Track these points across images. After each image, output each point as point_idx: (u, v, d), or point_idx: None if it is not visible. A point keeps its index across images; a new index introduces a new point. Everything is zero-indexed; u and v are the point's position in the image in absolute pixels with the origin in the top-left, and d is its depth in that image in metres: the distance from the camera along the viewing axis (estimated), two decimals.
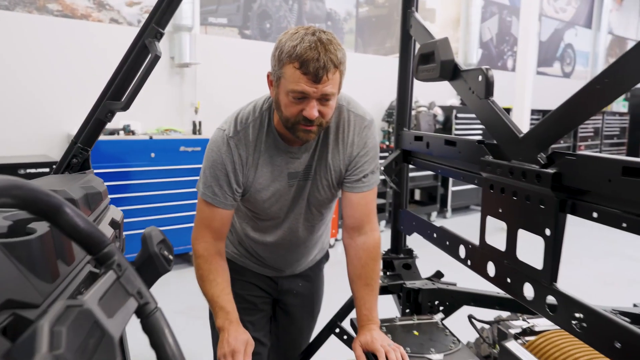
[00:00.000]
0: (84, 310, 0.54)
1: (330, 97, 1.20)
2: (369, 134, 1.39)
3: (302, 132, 1.23)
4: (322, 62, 1.13)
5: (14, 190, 0.51)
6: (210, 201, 1.35)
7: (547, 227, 0.92)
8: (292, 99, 1.19)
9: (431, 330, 1.46)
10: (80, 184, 1.22)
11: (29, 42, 3.90)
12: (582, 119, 0.84)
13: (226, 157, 1.32)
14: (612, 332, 0.77)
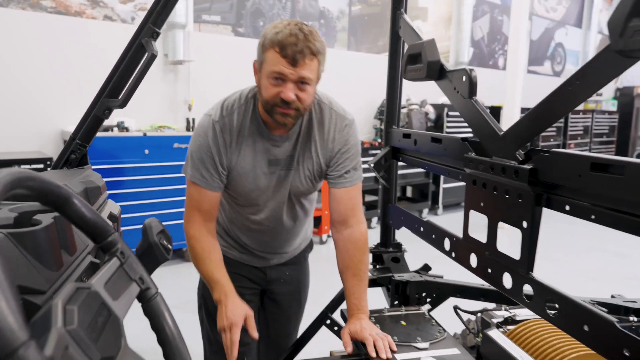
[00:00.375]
0: (92, 292, 0.58)
1: (308, 82, 1.29)
2: (350, 132, 1.48)
3: (279, 115, 1.31)
4: (300, 47, 1.24)
5: (28, 182, 0.56)
6: (199, 184, 1.42)
7: (524, 219, 0.98)
8: (272, 80, 1.28)
9: (418, 320, 1.51)
10: (79, 178, 1.27)
11: (22, 39, 3.91)
12: (556, 118, 0.90)
13: (212, 141, 1.39)
14: (581, 317, 0.83)
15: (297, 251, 1.74)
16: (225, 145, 1.40)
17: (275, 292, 1.71)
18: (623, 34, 0.69)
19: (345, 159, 1.46)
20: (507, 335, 1.28)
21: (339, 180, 1.47)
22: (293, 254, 1.72)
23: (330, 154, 1.46)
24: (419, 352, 1.32)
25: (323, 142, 1.46)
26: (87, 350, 0.49)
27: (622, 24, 0.69)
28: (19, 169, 0.57)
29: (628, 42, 0.69)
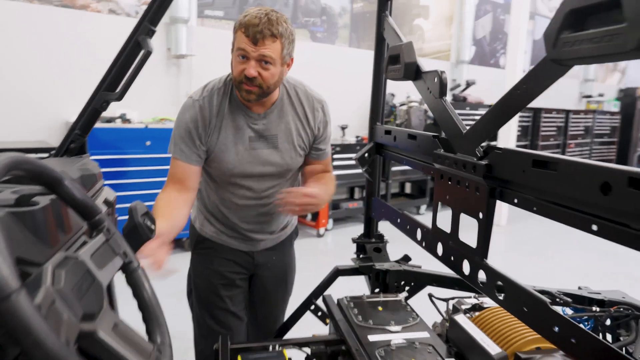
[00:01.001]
0: (78, 261, 0.68)
1: (269, 61, 1.45)
2: (328, 112, 1.73)
3: (244, 91, 1.49)
4: (261, 28, 1.40)
5: (25, 165, 0.65)
6: (177, 156, 1.58)
7: (481, 211, 1.07)
8: (238, 58, 1.47)
9: (394, 306, 1.61)
10: (77, 166, 1.37)
11: (29, 32, 4.01)
12: (508, 118, 0.98)
13: (190, 119, 1.55)
14: (521, 298, 0.92)
15: (283, 236, 1.84)
16: (204, 123, 1.55)
17: (262, 276, 1.81)
18: (555, 45, 0.78)
19: (326, 137, 1.73)
20: (472, 320, 1.37)
21: (320, 154, 1.74)
22: (279, 239, 1.81)
23: (316, 133, 1.69)
24: (390, 335, 1.41)
25: (307, 121, 1.66)
26: (71, 306, 0.59)
27: (554, 36, 0.78)
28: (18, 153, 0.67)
29: (560, 52, 0.78)
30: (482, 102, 7.10)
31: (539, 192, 0.90)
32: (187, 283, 1.85)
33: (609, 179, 0.72)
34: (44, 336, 0.47)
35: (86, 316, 0.61)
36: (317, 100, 1.69)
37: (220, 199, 1.68)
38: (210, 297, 1.73)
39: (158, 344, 0.74)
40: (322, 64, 5.85)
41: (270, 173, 1.64)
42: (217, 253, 1.72)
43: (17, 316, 0.47)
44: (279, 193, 1.63)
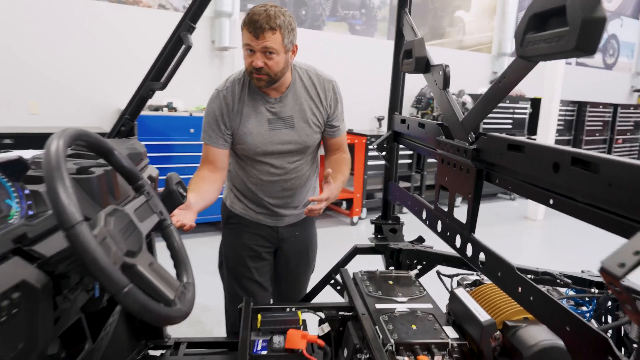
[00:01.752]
0: (124, 213, 0.88)
1: (272, 51, 1.62)
2: (339, 91, 1.87)
3: (255, 79, 1.69)
4: (260, 23, 1.57)
5: (85, 137, 0.85)
6: (206, 142, 1.79)
7: (469, 190, 1.20)
8: (246, 52, 1.67)
9: (404, 281, 1.75)
10: (126, 145, 1.59)
11: (87, 25, 4.35)
12: (492, 107, 1.11)
13: (216, 107, 1.77)
14: (497, 265, 1.05)
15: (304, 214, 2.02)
16: (229, 109, 1.76)
17: (286, 250, 2.00)
18: (522, 44, 0.91)
19: (338, 114, 1.89)
20: (470, 293, 1.50)
21: (335, 131, 1.90)
22: (302, 216, 1.99)
23: (329, 111, 1.85)
24: (396, 304, 1.56)
25: (320, 100, 1.82)
26: (117, 242, 0.78)
27: (521, 36, 0.91)
28: (81, 127, 0.87)
29: (526, 50, 0.90)
30: (524, 95, 7.01)
31: (512, 172, 1.03)
32: (219, 255, 2.06)
33: (558, 159, 0.84)
34: (99, 255, 0.67)
35: (129, 252, 0.80)
36: (328, 80, 1.85)
37: (247, 177, 1.87)
38: (238, 267, 1.93)
39: (184, 282, 0.93)
40: (361, 57, 5.96)
41: (290, 150, 1.83)
42: (246, 228, 1.91)
43: (80, 240, 0.66)
44: (301, 171, 1.87)
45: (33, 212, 0.92)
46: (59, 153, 0.73)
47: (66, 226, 0.66)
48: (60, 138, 0.76)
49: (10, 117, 4.13)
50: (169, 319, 0.77)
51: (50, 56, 4.24)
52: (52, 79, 4.27)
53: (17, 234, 0.82)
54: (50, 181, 0.69)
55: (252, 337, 1.44)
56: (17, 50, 4.09)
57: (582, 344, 0.77)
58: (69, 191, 0.68)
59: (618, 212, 0.71)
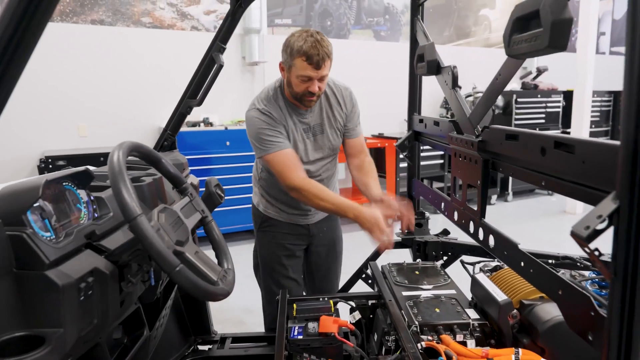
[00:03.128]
0: (173, 211, 1.04)
1: (325, 78, 1.80)
2: (354, 96, 2.03)
3: (307, 101, 1.83)
4: (321, 55, 1.71)
5: (139, 148, 1.02)
6: (273, 150, 1.82)
7: (478, 179, 1.31)
8: (301, 81, 1.76)
9: (430, 271, 1.86)
10: (170, 157, 1.78)
11: (127, 50, 4.67)
12: (493, 100, 1.22)
13: (263, 119, 1.84)
14: (505, 245, 1.16)
15: None
16: (275, 122, 1.85)
17: (316, 245, 2.15)
18: (509, 45, 1.03)
19: (356, 116, 2.03)
20: (490, 278, 1.60)
21: (353, 131, 2.04)
22: None
23: (347, 114, 2.00)
24: (421, 291, 1.68)
25: (340, 107, 1.98)
26: (169, 233, 0.94)
27: (508, 38, 1.02)
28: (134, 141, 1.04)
29: (512, 49, 1.02)
30: (556, 89, 6.93)
31: (511, 159, 1.14)
32: (253, 258, 2.22)
33: (544, 144, 0.95)
34: (156, 240, 0.83)
35: (178, 242, 0.97)
36: (344, 87, 2.01)
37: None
38: (274, 266, 2.09)
39: (225, 268, 1.09)
40: (387, 62, 6.08)
41: (324, 156, 1.99)
42: (279, 229, 2.07)
43: (141, 228, 0.83)
44: (330, 171, 2.04)
45: (97, 215, 1.10)
46: (120, 161, 0.90)
47: (129, 218, 0.82)
48: (120, 149, 0.94)
49: (62, 140, 4.47)
50: (214, 295, 0.93)
51: (95, 81, 4.57)
52: (98, 102, 4.60)
53: (88, 231, 1.00)
54: (115, 183, 0.86)
55: (289, 324, 1.59)
56: (65, 77, 4.44)
57: (571, 304, 0.87)
58: (131, 191, 0.85)
59: (591, 185, 0.82)
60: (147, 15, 4.70)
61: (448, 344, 1.35)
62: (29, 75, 4.35)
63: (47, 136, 4.42)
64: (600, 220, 0.69)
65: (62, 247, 0.90)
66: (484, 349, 1.30)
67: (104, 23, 4.53)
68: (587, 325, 0.81)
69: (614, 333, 0.67)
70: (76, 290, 0.87)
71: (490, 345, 1.40)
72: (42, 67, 4.32)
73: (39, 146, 4.37)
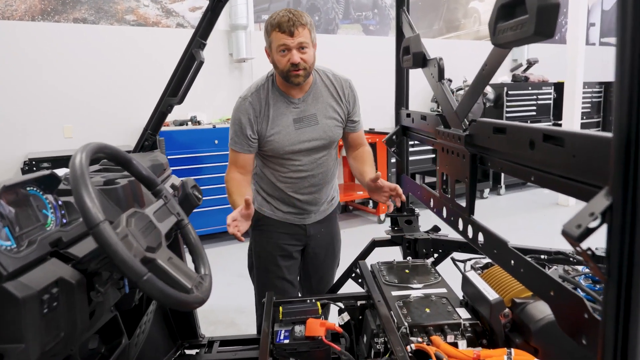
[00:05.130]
0: (144, 215, 0.99)
1: (306, 46, 1.75)
2: (354, 88, 1.99)
3: (293, 76, 1.78)
4: (292, 21, 1.71)
5: (105, 149, 0.97)
6: (233, 148, 1.91)
7: (466, 175, 1.26)
8: (280, 53, 1.76)
9: (420, 269, 1.81)
10: (149, 158, 1.72)
11: (111, 50, 4.58)
12: (479, 93, 1.18)
13: (242, 114, 1.88)
14: (493, 242, 1.12)
15: (329, 209, 2.13)
16: (255, 114, 1.87)
17: (314, 246, 2.10)
18: (495, 33, 0.98)
19: (357, 110, 2.01)
20: (481, 275, 1.55)
21: (355, 126, 2.03)
22: (327, 212, 2.10)
23: (349, 107, 1.97)
24: (411, 291, 1.63)
25: (340, 98, 1.94)
26: (138, 239, 0.89)
27: (493, 26, 0.98)
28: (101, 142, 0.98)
29: (498, 38, 0.97)
30: (547, 81, 6.91)
31: (500, 154, 1.09)
32: (248, 257, 2.16)
33: (532, 137, 0.91)
34: (120, 248, 0.77)
35: (149, 248, 0.91)
36: (344, 79, 1.98)
37: (276, 176, 1.97)
38: (270, 267, 2.04)
39: (201, 274, 1.03)
40: (376, 56, 6.02)
41: (316, 146, 1.94)
42: (276, 228, 2.02)
43: (104, 236, 0.77)
44: (326, 165, 2.00)
45: (66, 220, 1.04)
46: (82, 163, 0.84)
47: (91, 225, 0.77)
48: (83, 151, 0.88)
49: (47, 142, 4.39)
50: (186, 304, 0.87)
51: (80, 81, 4.48)
52: (83, 103, 4.52)
53: (54, 238, 0.94)
54: (76, 188, 0.81)
55: (275, 327, 1.54)
56: (49, 77, 4.35)
57: (563, 306, 0.83)
58: (92, 196, 0.79)
59: (582, 179, 0.77)
60: (131, 13, 4.62)
61: (438, 345, 1.31)
62: (12, 75, 4.27)
63: (31, 138, 4.34)
64: (592, 218, 0.64)
65: (24, 257, 0.84)
66: (475, 350, 1.26)
67: (87, 21, 4.44)
68: (580, 329, 0.77)
69: (608, 338, 0.62)
70: (38, 302, 0.81)
71: (482, 346, 1.36)
72: (25, 67, 4.23)
73: (23, 148, 4.29)
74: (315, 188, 2.00)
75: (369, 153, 2.07)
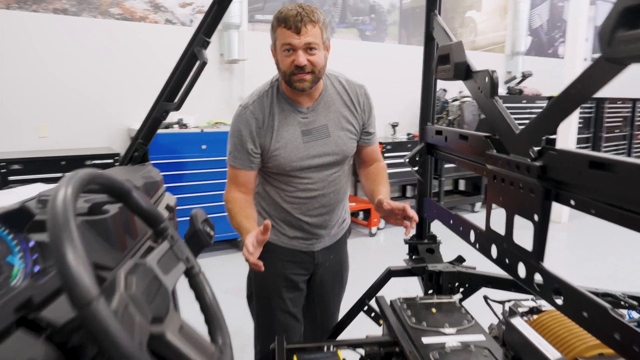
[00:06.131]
0: (147, 267, 0.74)
1: (314, 47, 1.52)
2: (370, 96, 1.78)
3: (297, 81, 1.55)
4: (300, 17, 1.47)
5: (99, 179, 0.71)
6: (232, 164, 1.68)
7: (536, 212, 1.04)
8: (284, 52, 1.52)
9: (448, 308, 1.59)
10: (141, 174, 1.45)
11: (94, 44, 4.27)
12: (561, 119, 0.96)
13: (242, 125, 1.63)
14: (581, 303, 0.90)
15: (340, 233, 1.89)
16: (258, 125, 1.63)
17: (321, 275, 1.87)
18: (610, 44, 0.76)
19: (372, 121, 1.80)
20: (529, 323, 1.34)
21: (370, 138, 1.81)
22: (337, 236, 1.87)
23: (364, 117, 1.76)
24: (445, 337, 1.41)
25: (354, 106, 1.73)
26: (142, 309, 0.64)
27: (609, 35, 0.76)
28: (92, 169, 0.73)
29: (615, 51, 0.75)
30: (540, 94, 6.82)
31: (596, 193, 0.88)
32: (247, 286, 1.91)
33: None
34: (120, 339, 0.52)
35: (155, 319, 0.66)
36: (359, 86, 1.77)
37: (282, 195, 1.73)
38: (273, 299, 1.79)
39: (219, 344, 0.79)
40: (372, 63, 5.83)
41: (329, 162, 1.70)
42: (280, 256, 1.77)
43: (97, 320, 0.52)
44: (339, 184, 1.76)
45: (40, 267, 0.78)
46: (67, 205, 0.59)
47: (79, 304, 0.52)
48: (69, 185, 0.63)
49: (19, 141, 4.04)
50: None
51: (57, 76, 4.15)
52: (60, 100, 4.19)
53: (21, 300, 0.68)
54: (57, 242, 0.56)
55: None
56: (23, 71, 4.01)
57: None
58: (80, 257, 0.54)
59: None
60: (117, 6, 4.31)
61: None
62: None
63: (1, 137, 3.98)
64: None
65: None
66: None
67: (68, 13, 4.12)
68: None
69: None
70: None
71: None
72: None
73: None
74: (326, 209, 1.77)
75: (383, 170, 1.85)
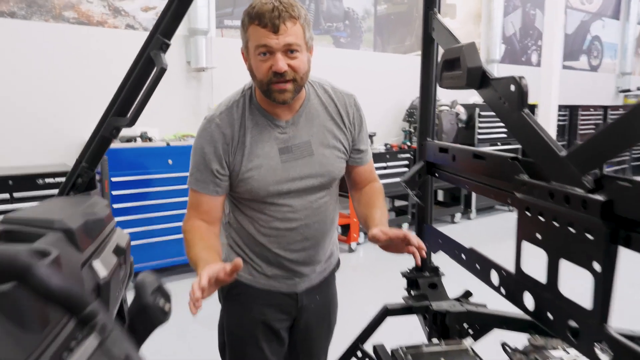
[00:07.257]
0: None
1: (296, 48, 1.25)
2: (360, 107, 1.51)
3: (276, 92, 1.28)
4: (277, 12, 1.20)
5: None
6: (194, 187, 1.40)
7: (596, 260, 0.80)
8: (260, 56, 1.25)
9: (460, 357, 1.35)
10: (82, 209, 1.15)
11: (46, 51, 3.90)
12: (637, 139, 0.73)
13: (206, 142, 1.37)
14: None
15: (328, 269, 1.62)
16: (225, 141, 1.36)
17: (305, 319, 1.58)
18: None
19: (363, 136, 1.53)
20: None
21: (362, 156, 1.54)
22: (324, 273, 1.60)
23: (353, 132, 1.49)
24: None
25: (342, 119, 1.46)
26: None
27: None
28: None
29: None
30: None
31: None
32: (219, 335, 1.61)
33: None
34: None
35: None
36: (347, 95, 1.50)
37: (256, 227, 1.44)
38: (248, 350, 1.51)
39: None
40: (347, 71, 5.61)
41: (312, 186, 1.42)
42: (256, 299, 1.49)
43: None
44: (326, 211, 1.48)
45: None
46: None
47: None
48: None
49: None
50: None
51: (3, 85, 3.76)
52: (4, 111, 3.79)
53: None
54: None
55: None
56: None
57: None
58: None
59: None
60: (71, 9, 3.96)
61: None
62: None
63: None
64: None
65: None
66: None
67: (16, 16, 3.74)
68: None
69: None
70: None
71: None
72: None
73: None
74: (310, 242, 1.48)
75: (379, 191, 1.57)
